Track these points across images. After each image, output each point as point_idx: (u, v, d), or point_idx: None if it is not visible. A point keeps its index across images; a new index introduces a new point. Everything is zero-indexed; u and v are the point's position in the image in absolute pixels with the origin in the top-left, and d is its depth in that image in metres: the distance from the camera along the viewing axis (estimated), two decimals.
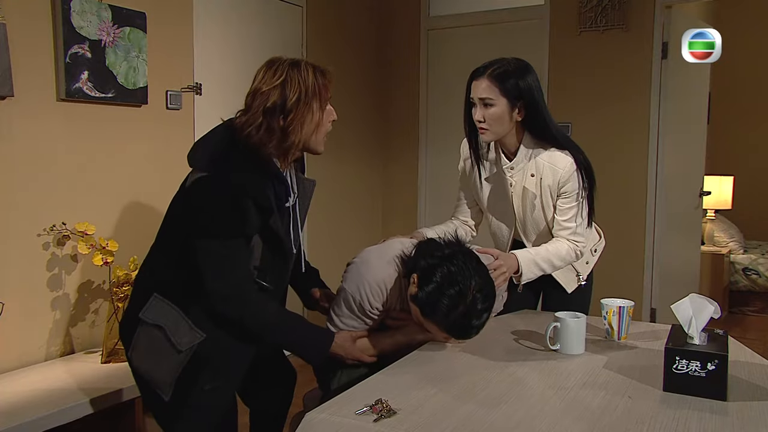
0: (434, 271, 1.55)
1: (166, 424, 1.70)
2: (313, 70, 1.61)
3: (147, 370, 1.65)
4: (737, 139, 6.12)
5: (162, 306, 1.61)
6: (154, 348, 1.61)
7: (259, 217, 1.56)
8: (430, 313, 1.56)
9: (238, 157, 1.58)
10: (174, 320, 1.59)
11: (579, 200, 2.01)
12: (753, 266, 5.45)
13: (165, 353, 1.59)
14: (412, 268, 1.63)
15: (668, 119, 3.89)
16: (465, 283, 1.54)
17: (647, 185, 3.91)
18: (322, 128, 1.64)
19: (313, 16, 3.94)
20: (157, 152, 2.99)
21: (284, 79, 1.57)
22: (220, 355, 1.63)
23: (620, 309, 1.79)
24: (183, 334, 1.58)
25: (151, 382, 1.64)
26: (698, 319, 1.48)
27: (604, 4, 3.91)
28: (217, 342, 1.61)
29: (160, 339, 1.59)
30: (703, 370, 1.40)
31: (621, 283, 3.90)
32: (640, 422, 1.26)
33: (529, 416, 1.29)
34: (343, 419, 1.23)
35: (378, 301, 1.71)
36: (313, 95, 1.58)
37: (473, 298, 1.54)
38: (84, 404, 2.09)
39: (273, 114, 1.55)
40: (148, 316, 1.62)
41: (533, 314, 2.16)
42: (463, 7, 4.45)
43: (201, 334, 1.59)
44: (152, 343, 1.61)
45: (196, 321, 1.59)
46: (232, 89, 3.44)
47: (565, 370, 1.58)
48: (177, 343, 1.58)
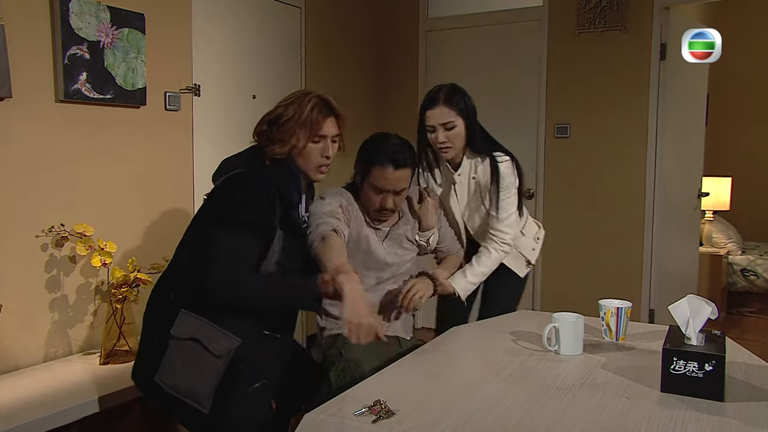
0: (361, 147, 2.02)
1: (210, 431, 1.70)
2: (315, 104, 1.79)
3: (184, 385, 1.67)
4: (735, 140, 6.13)
5: (192, 320, 1.67)
6: (190, 361, 1.65)
7: (282, 211, 1.72)
8: (373, 160, 1.95)
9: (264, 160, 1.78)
10: (208, 331, 1.65)
11: (514, 194, 2.30)
12: (751, 267, 5.45)
13: (202, 363, 1.64)
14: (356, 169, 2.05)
15: (667, 120, 3.89)
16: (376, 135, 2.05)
17: (646, 186, 3.91)
18: (309, 157, 1.80)
19: (311, 17, 3.94)
20: (156, 153, 2.99)
21: (291, 101, 1.82)
22: (257, 356, 1.69)
23: (618, 310, 1.80)
24: (218, 341, 1.64)
25: (190, 397, 1.66)
26: (696, 320, 1.49)
27: (602, 5, 3.91)
28: (254, 344, 1.68)
29: (196, 350, 1.65)
30: (700, 370, 1.40)
31: (620, 284, 3.91)
32: (638, 423, 1.26)
33: (528, 417, 1.29)
34: (342, 420, 1.23)
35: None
36: (302, 124, 1.77)
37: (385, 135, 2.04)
38: (82, 406, 2.09)
39: (270, 124, 1.81)
40: (180, 332, 1.67)
41: (531, 315, 2.17)
42: (462, 9, 4.46)
43: (237, 339, 1.65)
44: (188, 356, 1.66)
45: (229, 329, 1.66)
46: (230, 90, 3.44)
47: (563, 371, 1.58)
48: (214, 350, 1.64)
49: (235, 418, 1.67)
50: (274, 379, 1.77)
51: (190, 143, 3.18)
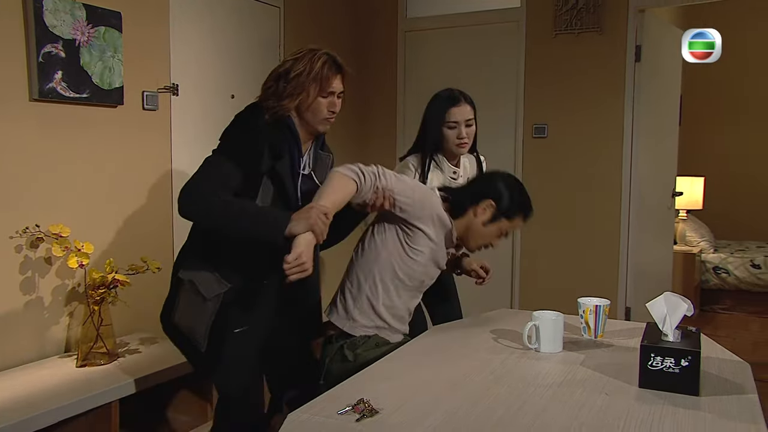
0: (500, 188, 1.94)
1: (205, 373, 1.92)
2: (325, 61, 1.87)
3: (186, 324, 1.86)
4: (707, 141, 6.25)
5: (195, 264, 1.87)
6: (189, 303, 1.84)
7: (270, 159, 1.81)
8: (518, 211, 1.95)
9: (262, 112, 1.87)
10: (203, 276, 1.83)
11: None
12: (723, 265, 5.56)
13: (197, 305, 1.82)
14: (469, 202, 1.95)
15: (642, 121, 3.95)
16: (514, 182, 2.00)
17: (622, 186, 3.97)
18: (318, 110, 1.88)
19: (290, 16, 3.93)
20: (134, 153, 2.96)
21: (299, 56, 1.87)
22: (244, 301, 1.85)
23: (597, 308, 1.83)
24: (210, 285, 1.81)
25: (191, 337, 1.85)
26: (672, 316, 1.52)
27: (579, 7, 3.96)
28: (241, 290, 1.83)
29: (192, 292, 1.83)
30: (677, 366, 1.43)
31: (597, 282, 3.97)
32: (617, 418, 1.28)
33: (509, 413, 1.31)
34: (326, 419, 1.24)
35: None
36: (313, 79, 1.84)
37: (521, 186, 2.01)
38: (59, 409, 2.06)
39: (278, 79, 1.87)
40: (183, 275, 1.88)
41: (511, 313, 2.19)
42: (440, 9, 4.48)
43: (226, 284, 1.82)
44: (188, 298, 1.85)
45: (224, 275, 1.83)
46: (209, 90, 3.42)
47: (543, 368, 1.60)
48: (205, 293, 1.81)
49: (226, 358, 1.84)
50: (261, 323, 1.91)
51: (168, 143, 3.15)
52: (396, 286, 1.92)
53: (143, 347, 2.72)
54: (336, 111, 1.90)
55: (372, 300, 1.90)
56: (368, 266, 1.91)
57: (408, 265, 1.91)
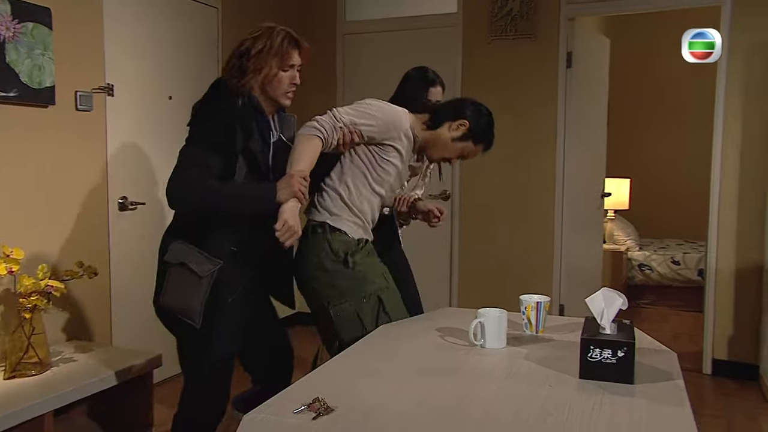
0: (477, 115, 2.19)
1: (202, 346, 1.99)
2: (284, 36, 2.00)
3: (179, 303, 1.94)
4: (632, 143, 6.56)
5: (181, 247, 1.95)
6: (182, 282, 1.93)
7: (243, 139, 1.92)
8: (483, 139, 2.20)
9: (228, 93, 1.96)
10: (192, 256, 1.92)
11: None
12: (647, 262, 5.85)
13: (192, 283, 1.91)
14: (446, 118, 2.17)
15: (573, 125, 4.12)
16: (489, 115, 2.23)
17: (555, 187, 4.12)
18: (280, 85, 2.00)
19: (228, 17, 3.88)
20: (67, 155, 2.85)
21: (259, 34, 1.99)
22: (233, 274, 1.97)
23: (538, 304, 1.90)
24: (202, 264, 1.91)
25: (184, 315, 1.93)
26: (609, 310, 1.60)
27: (513, 14, 4.09)
28: (229, 262, 1.95)
29: (185, 273, 1.92)
30: (614, 357, 1.51)
31: (533, 281, 4.10)
32: (561, 408, 1.35)
33: (461, 407, 1.35)
34: (283, 419, 1.24)
35: None
36: (274, 54, 1.96)
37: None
38: None
39: (241, 56, 1.96)
40: (171, 258, 1.95)
41: (454, 311, 2.25)
42: (379, 13, 4.53)
43: (218, 261, 1.93)
44: (181, 279, 1.93)
45: (211, 253, 1.93)
46: (146, 90, 3.34)
47: (489, 363, 1.66)
48: (199, 272, 1.90)
49: (220, 329, 1.98)
50: (246, 283, 2.05)
51: (104, 144, 3.06)
52: (367, 192, 2.14)
53: (79, 355, 2.63)
54: (297, 83, 2.04)
55: (347, 200, 2.11)
56: (344, 174, 2.13)
57: (379, 174, 2.13)
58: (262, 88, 1.99)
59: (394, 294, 2.12)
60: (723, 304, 3.83)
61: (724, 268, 3.81)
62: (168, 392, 3.46)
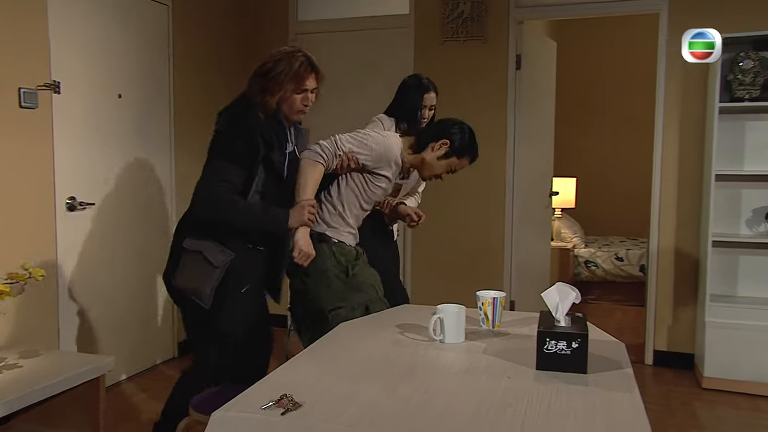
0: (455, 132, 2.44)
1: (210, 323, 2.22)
2: (303, 63, 2.21)
3: (191, 285, 2.18)
4: (578, 144, 6.77)
5: (200, 236, 2.18)
6: (196, 267, 2.17)
7: (264, 150, 2.16)
8: (466, 153, 2.46)
9: (253, 108, 2.19)
10: (209, 247, 2.17)
11: None
12: (592, 259, 6.05)
13: (205, 270, 2.16)
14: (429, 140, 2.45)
15: (523, 126, 4.23)
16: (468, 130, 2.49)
17: (506, 186, 4.22)
18: (293, 104, 2.24)
19: (178, 15, 3.83)
20: (10, 153, 2.76)
21: (279, 58, 2.21)
22: (244, 266, 2.22)
23: (494, 300, 1.95)
24: (217, 255, 2.16)
25: (195, 295, 2.17)
26: (563, 304, 1.67)
27: (464, 16, 4.17)
28: (243, 257, 2.20)
29: (200, 260, 2.16)
30: (568, 348, 1.58)
31: (485, 278, 4.19)
32: (520, 398, 1.40)
33: (424, 400, 1.39)
34: (252, 415, 1.25)
35: None
36: (291, 78, 2.19)
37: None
38: None
39: (263, 75, 2.20)
40: (190, 245, 2.20)
41: (412, 308, 2.29)
42: (331, 13, 4.53)
43: (231, 253, 2.17)
44: (195, 264, 2.17)
45: (225, 245, 2.17)
46: (95, 89, 3.25)
47: (449, 358, 1.70)
48: (214, 262, 2.15)
49: (228, 312, 2.21)
50: (257, 282, 2.32)
51: (50, 143, 2.97)
52: (357, 210, 2.45)
53: (24, 361, 2.54)
54: (309, 105, 2.27)
55: (342, 215, 2.42)
56: (340, 194, 2.42)
57: (369, 196, 2.44)
58: (278, 106, 2.22)
59: (380, 303, 2.39)
60: (663, 298, 4.01)
61: (664, 264, 3.99)
62: (120, 396, 3.39)
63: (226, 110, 2.23)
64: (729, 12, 3.72)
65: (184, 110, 3.88)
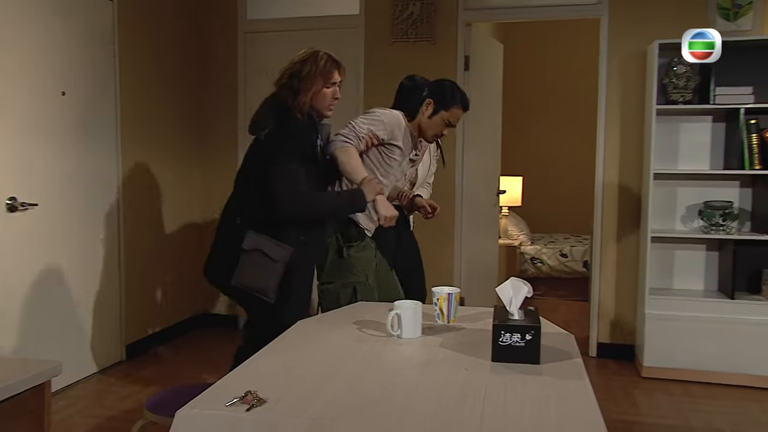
0: (434, 89, 2.72)
1: (275, 316, 2.30)
2: (327, 59, 2.43)
3: (254, 283, 2.32)
4: (524, 143, 6.95)
5: (255, 237, 2.32)
6: (257, 266, 2.31)
7: (311, 147, 2.39)
8: (451, 103, 2.69)
9: (293, 115, 2.35)
10: (267, 244, 2.31)
11: None
12: (538, 256, 6.22)
13: (267, 266, 2.31)
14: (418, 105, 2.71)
15: (471, 125, 4.32)
16: (448, 83, 2.77)
17: (455, 186, 4.31)
18: (324, 99, 2.42)
19: (124, 12, 3.74)
20: None
21: (304, 59, 2.42)
22: (302, 262, 2.41)
23: (449, 295, 2.00)
24: (276, 250, 2.31)
25: (259, 292, 2.32)
26: (516, 298, 1.73)
27: (413, 17, 4.22)
28: (298, 250, 2.35)
29: (260, 258, 2.31)
30: (522, 340, 1.64)
31: (437, 274, 4.24)
32: (478, 389, 1.45)
33: (386, 393, 1.42)
34: (217, 412, 1.25)
35: None
36: (320, 74, 2.39)
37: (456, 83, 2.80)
38: None
39: (293, 77, 2.39)
40: (248, 245, 2.32)
41: (368, 306, 2.33)
42: (281, 12, 4.51)
43: (289, 248, 2.33)
44: (255, 263, 2.31)
45: (284, 241, 2.33)
46: (36, 87, 3.15)
47: (408, 352, 1.74)
48: (274, 257, 2.31)
49: (293, 305, 2.38)
50: (312, 273, 2.57)
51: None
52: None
53: None
54: (338, 98, 2.46)
55: None
56: None
57: (385, 169, 2.66)
58: (311, 103, 2.39)
59: (368, 289, 2.58)
60: (606, 293, 4.17)
61: (606, 260, 4.15)
62: (66, 402, 3.30)
63: (263, 116, 2.38)
64: (664, 19, 3.91)
65: (130, 107, 3.80)
